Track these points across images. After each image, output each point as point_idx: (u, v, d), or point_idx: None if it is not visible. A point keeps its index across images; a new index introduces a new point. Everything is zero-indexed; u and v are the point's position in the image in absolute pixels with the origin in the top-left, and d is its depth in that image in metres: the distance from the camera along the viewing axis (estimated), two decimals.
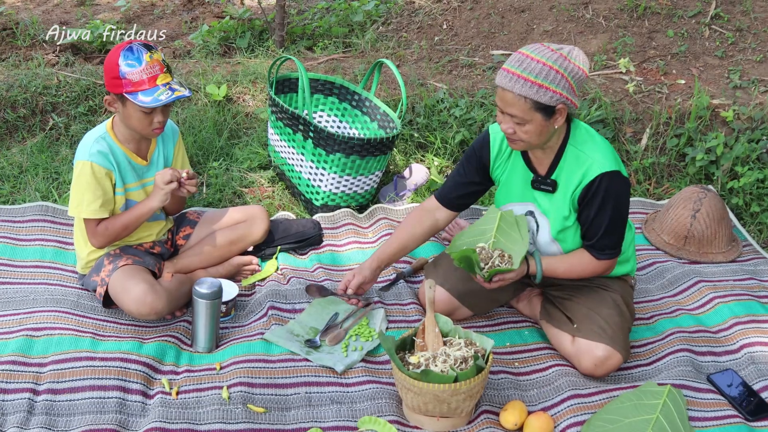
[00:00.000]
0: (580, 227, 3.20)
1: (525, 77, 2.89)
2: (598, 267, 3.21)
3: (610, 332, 3.20)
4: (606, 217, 3.10)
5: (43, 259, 3.77)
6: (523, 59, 2.91)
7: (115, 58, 3.19)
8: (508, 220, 3.15)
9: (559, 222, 3.19)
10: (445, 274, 3.43)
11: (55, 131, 4.78)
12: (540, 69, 2.89)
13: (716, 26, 5.42)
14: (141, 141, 3.43)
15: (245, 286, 3.69)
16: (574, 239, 3.23)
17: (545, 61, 2.89)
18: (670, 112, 4.70)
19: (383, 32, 5.81)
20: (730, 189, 4.45)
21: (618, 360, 3.19)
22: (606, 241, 3.15)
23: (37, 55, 5.54)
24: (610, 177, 3.05)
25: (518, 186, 3.27)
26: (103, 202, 3.32)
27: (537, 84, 2.88)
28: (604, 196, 3.07)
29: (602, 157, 3.07)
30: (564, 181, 3.14)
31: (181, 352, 3.30)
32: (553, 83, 2.89)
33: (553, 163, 3.15)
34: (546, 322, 3.40)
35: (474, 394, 2.93)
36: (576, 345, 3.25)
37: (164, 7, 6.88)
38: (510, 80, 2.90)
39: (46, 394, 3.01)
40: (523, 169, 3.24)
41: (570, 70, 2.92)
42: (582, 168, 3.08)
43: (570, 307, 3.33)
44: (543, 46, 2.94)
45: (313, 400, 3.08)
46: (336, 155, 4.04)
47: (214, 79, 5.05)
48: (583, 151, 3.09)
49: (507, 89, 2.91)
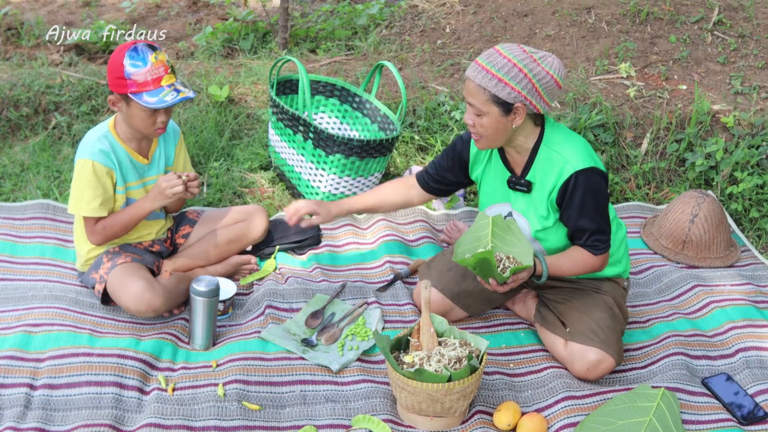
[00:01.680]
0: (563, 227, 3.21)
1: (487, 69, 2.95)
2: (597, 261, 3.21)
3: (603, 336, 3.20)
4: (589, 215, 3.12)
5: (43, 256, 3.79)
6: (492, 54, 2.98)
7: (120, 59, 3.21)
8: (500, 225, 3.16)
9: (539, 221, 3.20)
10: (438, 275, 3.44)
11: (57, 130, 4.80)
12: (504, 64, 2.95)
13: (719, 32, 5.43)
14: (142, 140, 3.45)
15: (243, 285, 3.71)
16: (555, 238, 3.24)
17: (511, 58, 2.95)
18: (671, 117, 4.71)
19: (386, 35, 5.83)
20: (730, 194, 4.45)
21: (610, 363, 3.19)
22: (596, 237, 3.16)
23: (41, 54, 5.57)
24: (585, 174, 3.07)
25: (498, 186, 3.30)
26: (103, 201, 3.34)
27: (497, 77, 2.94)
28: (582, 194, 3.08)
29: (575, 155, 3.08)
30: (539, 182, 3.16)
31: (178, 349, 3.32)
32: (513, 80, 2.94)
33: (527, 163, 3.17)
34: (540, 325, 3.41)
35: (468, 394, 2.94)
36: (569, 349, 3.26)
37: (169, 8, 6.91)
38: (474, 70, 2.98)
39: (43, 389, 3.04)
40: (501, 169, 3.26)
41: (536, 73, 2.96)
42: (556, 168, 3.10)
43: (563, 311, 3.33)
44: (518, 47, 3.00)
45: (308, 398, 3.10)
46: (335, 156, 4.05)
47: (217, 80, 5.07)
48: (556, 151, 3.11)
49: (470, 78, 3.00)
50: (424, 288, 3.12)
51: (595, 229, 3.14)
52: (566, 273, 3.21)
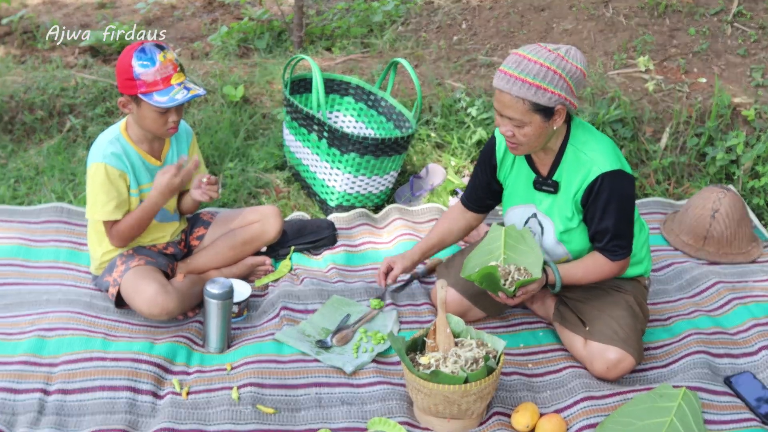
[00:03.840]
0: (586, 228, 3.17)
1: (523, 78, 2.86)
2: (614, 268, 3.17)
3: (623, 335, 3.15)
4: (612, 218, 3.07)
5: (58, 259, 3.78)
6: (520, 60, 2.89)
7: (128, 60, 3.19)
8: (513, 235, 3.12)
9: (563, 223, 3.16)
10: (456, 276, 3.40)
11: (72, 133, 4.79)
12: (538, 70, 2.86)
13: (738, 24, 5.35)
14: (154, 141, 3.42)
15: (258, 286, 3.68)
16: (579, 240, 3.19)
17: (542, 62, 2.87)
18: (691, 111, 4.65)
19: (402, 32, 5.79)
20: (751, 188, 4.39)
21: (630, 363, 3.14)
22: (616, 242, 3.11)
23: (55, 57, 5.56)
24: (611, 177, 3.02)
25: (522, 187, 3.25)
26: (118, 204, 3.32)
27: (535, 85, 2.86)
28: (607, 197, 3.03)
29: (602, 157, 3.04)
30: (565, 182, 3.11)
31: (192, 352, 3.29)
32: (551, 84, 2.87)
33: (554, 163, 3.13)
34: (559, 324, 3.36)
35: (485, 396, 2.90)
36: (588, 348, 3.21)
37: (184, 9, 6.89)
38: (507, 82, 2.88)
39: (56, 394, 3.02)
40: (526, 170, 3.22)
41: (568, 70, 2.90)
42: (583, 169, 3.05)
43: (582, 309, 3.29)
44: (539, 47, 2.92)
45: (323, 401, 3.06)
46: (350, 155, 4.02)
47: (232, 79, 5.04)
48: (583, 152, 3.06)
49: (504, 91, 2.89)
50: (440, 288, 3.09)
51: (616, 233, 3.09)
52: (580, 281, 3.18)
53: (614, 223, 3.07)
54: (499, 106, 2.95)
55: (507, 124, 2.97)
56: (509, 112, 2.92)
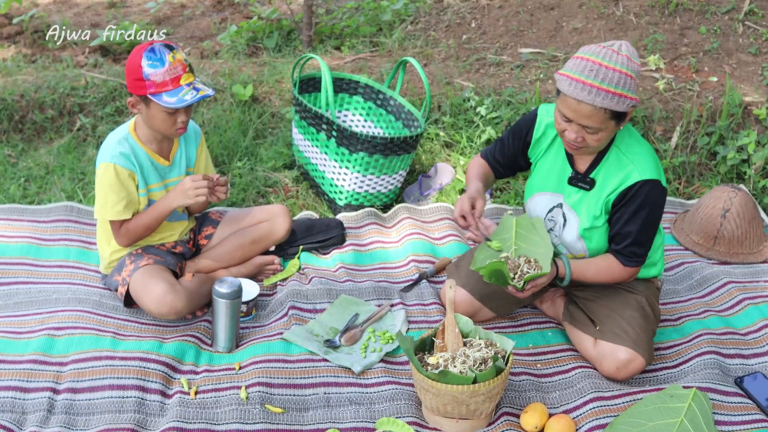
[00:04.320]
0: (608, 229, 3.16)
1: (606, 89, 2.82)
2: (624, 273, 3.16)
3: (633, 335, 3.14)
4: (638, 224, 3.06)
5: (67, 258, 3.78)
6: (596, 68, 2.83)
7: (137, 60, 3.19)
8: (524, 225, 3.11)
9: (588, 220, 3.15)
10: (467, 276, 3.39)
11: (82, 132, 4.80)
12: (618, 78, 2.83)
13: (750, 22, 5.32)
14: (163, 141, 3.42)
15: (267, 285, 3.68)
16: (600, 240, 3.18)
17: (619, 68, 2.83)
18: (701, 110, 4.63)
19: (411, 31, 5.78)
20: (763, 188, 4.36)
21: (641, 363, 3.12)
22: (634, 248, 3.11)
23: (66, 56, 5.57)
24: (649, 185, 3.02)
25: (555, 177, 3.24)
26: (127, 204, 3.32)
27: (618, 94, 2.83)
28: (640, 203, 3.03)
29: (644, 164, 3.03)
30: (601, 181, 3.11)
31: (200, 351, 3.29)
32: (629, 90, 2.85)
33: (594, 161, 3.12)
34: (569, 324, 3.35)
35: (493, 396, 2.89)
36: (598, 348, 3.20)
37: (194, 8, 6.90)
38: (589, 93, 2.82)
39: (66, 393, 3.02)
40: (562, 162, 3.21)
41: (635, 72, 2.89)
42: (622, 172, 3.05)
43: (593, 309, 3.27)
44: (602, 48, 2.88)
45: (332, 400, 3.06)
46: (359, 154, 4.01)
47: (241, 79, 5.04)
48: (627, 155, 3.06)
49: (586, 102, 2.84)
50: (449, 288, 3.08)
51: (637, 239, 3.09)
52: (589, 280, 3.17)
53: (638, 230, 3.07)
54: (573, 115, 2.90)
55: (578, 131, 2.94)
56: (587, 121, 2.88)
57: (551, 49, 5.27)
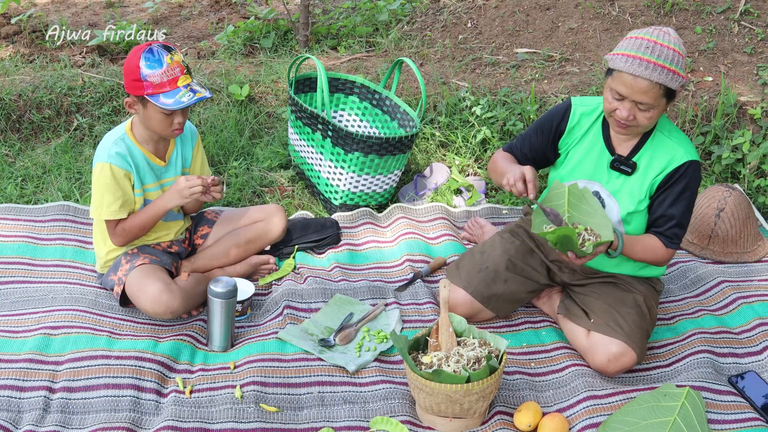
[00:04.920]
0: (648, 214, 3.20)
1: (662, 65, 2.91)
2: (665, 255, 3.20)
3: (627, 329, 3.16)
4: (682, 206, 3.14)
5: (64, 258, 3.79)
6: (652, 46, 2.94)
7: (135, 61, 3.20)
8: (576, 194, 3.11)
9: (632, 204, 3.18)
10: (468, 277, 3.40)
11: (79, 132, 4.81)
12: (672, 55, 2.93)
13: (745, 22, 5.34)
14: (159, 142, 3.43)
15: (262, 285, 3.69)
16: (640, 224, 3.22)
17: (673, 47, 2.94)
18: (697, 110, 4.64)
19: (408, 31, 5.79)
20: (757, 187, 4.38)
21: (632, 358, 3.14)
22: (677, 230, 3.16)
23: (63, 56, 5.58)
24: (695, 166, 3.13)
25: (591, 164, 3.26)
26: (123, 203, 3.33)
27: (672, 71, 2.93)
28: (685, 185, 3.12)
29: (689, 146, 3.15)
30: (645, 165, 3.16)
31: (196, 351, 3.30)
32: (681, 68, 2.95)
33: (637, 145, 3.17)
34: (563, 317, 3.37)
35: (487, 395, 2.90)
36: (591, 339, 3.22)
37: (191, 8, 6.91)
38: (646, 68, 2.92)
39: (61, 392, 3.03)
40: (600, 149, 3.24)
41: (684, 52, 2.99)
42: (669, 154, 3.13)
43: (589, 303, 3.29)
44: (654, 29, 2.99)
45: (326, 399, 3.07)
46: (354, 154, 4.02)
47: (237, 78, 5.05)
48: (671, 138, 3.15)
49: (643, 77, 2.92)
50: (443, 287, 3.09)
51: (680, 221, 3.16)
52: (636, 255, 3.17)
53: (682, 212, 3.14)
54: (628, 91, 2.97)
55: (630, 108, 3.01)
56: (642, 97, 2.96)
57: (547, 49, 5.28)
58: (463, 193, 4.37)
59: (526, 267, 3.43)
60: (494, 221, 4.14)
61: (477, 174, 4.54)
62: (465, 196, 4.34)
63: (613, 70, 3.01)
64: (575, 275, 3.41)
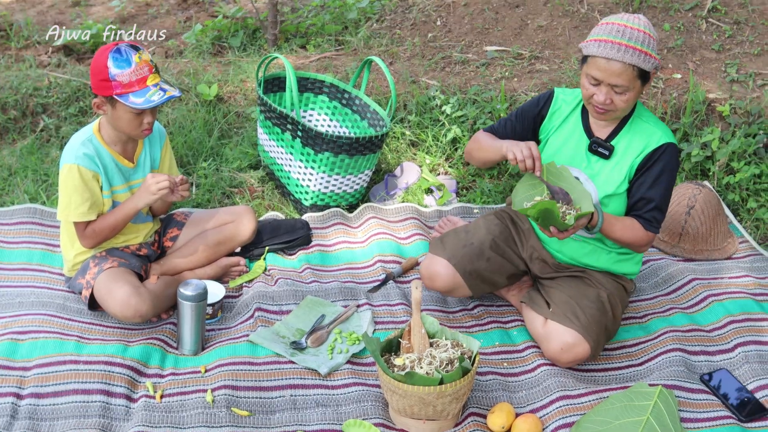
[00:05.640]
0: (626, 198, 3.22)
1: (633, 47, 2.97)
2: (644, 238, 3.20)
3: (584, 321, 3.18)
4: (661, 188, 3.17)
5: (31, 261, 3.73)
6: (622, 29, 3.00)
7: (103, 61, 3.16)
8: (553, 172, 3.11)
9: (609, 187, 3.20)
10: (453, 250, 3.40)
11: (45, 133, 4.74)
12: (643, 37, 2.99)
13: (713, 19, 5.36)
14: (128, 143, 3.39)
15: (232, 287, 3.66)
16: (618, 207, 3.23)
17: (643, 30, 3.01)
18: (666, 107, 4.65)
19: (377, 29, 5.77)
20: (726, 184, 4.39)
21: (585, 350, 3.16)
22: (655, 213, 3.18)
23: (29, 56, 5.51)
24: (672, 148, 3.17)
25: (570, 149, 3.29)
26: (91, 205, 3.29)
27: (644, 52, 2.99)
28: (663, 166, 3.16)
29: (666, 130, 3.22)
30: (623, 149, 3.20)
31: (166, 355, 3.26)
32: (653, 50, 3.02)
33: (615, 130, 3.22)
34: (525, 305, 3.39)
35: (460, 397, 2.89)
36: (547, 327, 3.24)
37: (159, 6, 6.84)
38: (618, 50, 2.97)
39: (29, 398, 2.99)
40: (579, 134, 3.28)
41: (655, 36, 3.05)
42: (646, 137, 3.18)
43: (552, 294, 3.32)
44: (625, 15, 3.06)
45: (298, 402, 3.04)
46: (324, 154, 3.99)
47: (206, 78, 5.01)
48: (647, 122, 3.21)
49: (616, 59, 2.97)
50: (414, 288, 3.07)
51: (659, 204, 3.18)
52: (615, 234, 3.17)
53: (661, 194, 3.17)
54: (602, 75, 3.02)
55: (607, 92, 3.06)
56: (617, 79, 3.01)
57: (516, 47, 5.27)
58: (434, 192, 4.36)
59: (508, 250, 3.44)
60: (467, 220, 4.12)
61: (448, 173, 4.53)
62: (436, 195, 4.33)
63: (587, 57, 3.06)
64: (546, 268, 3.41)
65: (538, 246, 3.42)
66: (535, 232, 3.45)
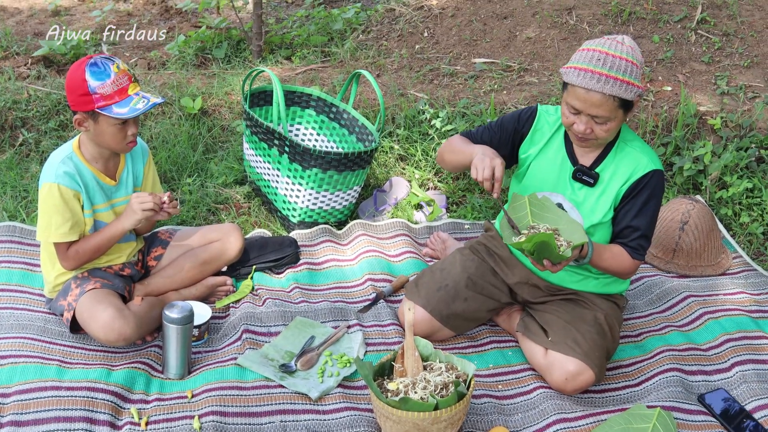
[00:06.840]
0: (612, 226, 3.15)
1: (614, 77, 2.87)
2: (631, 267, 3.14)
3: (585, 348, 3.10)
4: (647, 217, 3.09)
5: (10, 282, 3.63)
6: (603, 57, 2.89)
7: (80, 75, 3.07)
8: (537, 204, 3.04)
9: (595, 216, 3.13)
10: (427, 295, 3.32)
11: (24, 147, 4.64)
12: (625, 66, 2.88)
13: (702, 31, 5.33)
14: (109, 160, 3.30)
15: (219, 308, 3.57)
16: (603, 236, 3.17)
17: (626, 57, 2.89)
18: (657, 120, 4.60)
19: (363, 41, 5.70)
20: (719, 199, 4.35)
21: (590, 377, 3.08)
22: (642, 241, 3.11)
23: (7, 68, 5.40)
24: (659, 176, 3.08)
25: (553, 176, 3.20)
26: (73, 225, 3.20)
27: (626, 82, 2.88)
28: (649, 194, 3.07)
29: (653, 156, 3.13)
30: (609, 176, 3.12)
31: (151, 379, 3.17)
32: (636, 79, 2.90)
33: (600, 156, 3.13)
34: (522, 335, 3.30)
35: (455, 422, 2.81)
36: (548, 358, 3.16)
37: (140, 16, 6.75)
38: (598, 81, 2.87)
39: (9, 427, 2.88)
40: (562, 160, 3.19)
41: (639, 61, 2.94)
42: (632, 164, 3.09)
43: (548, 320, 3.23)
44: (607, 40, 2.94)
45: (288, 428, 2.95)
46: (312, 170, 3.91)
47: (189, 91, 4.92)
48: (633, 148, 3.11)
49: (596, 90, 2.88)
50: (407, 310, 3.00)
51: (645, 232, 3.11)
52: (604, 263, 3.10)
53: (647, 222, 3.10)
54: (582, 105, 2.93)
55: (586, 122, 2.97)
56: (597, 110, 2.92)
57: (505, 59, 5.22)
58: (423, 207, 4.29)
59: (487, 285, 3.35)
60: (456, 236, 4.06)
61: (437, 188, 4.45)
62: (426, 211, 4.25)
63: (567, 84, 2.97)
64: (537, 292, 3.34)
65: (526, 271, 3.34)
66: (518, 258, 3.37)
